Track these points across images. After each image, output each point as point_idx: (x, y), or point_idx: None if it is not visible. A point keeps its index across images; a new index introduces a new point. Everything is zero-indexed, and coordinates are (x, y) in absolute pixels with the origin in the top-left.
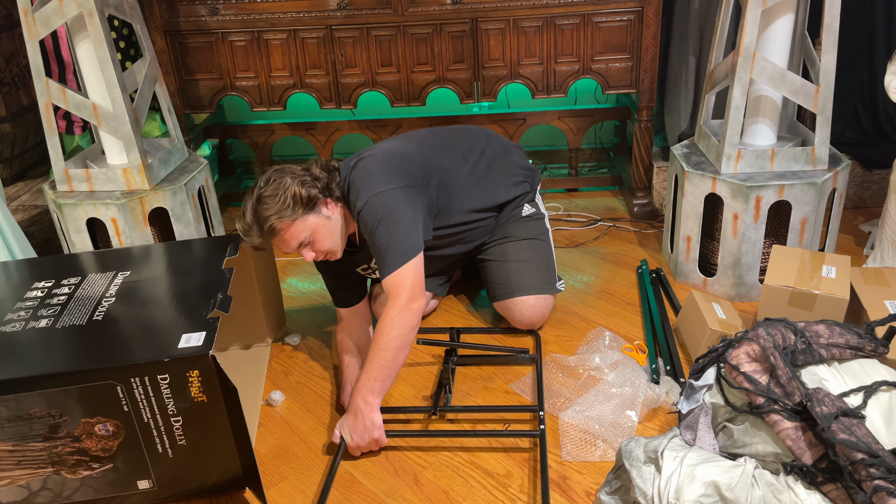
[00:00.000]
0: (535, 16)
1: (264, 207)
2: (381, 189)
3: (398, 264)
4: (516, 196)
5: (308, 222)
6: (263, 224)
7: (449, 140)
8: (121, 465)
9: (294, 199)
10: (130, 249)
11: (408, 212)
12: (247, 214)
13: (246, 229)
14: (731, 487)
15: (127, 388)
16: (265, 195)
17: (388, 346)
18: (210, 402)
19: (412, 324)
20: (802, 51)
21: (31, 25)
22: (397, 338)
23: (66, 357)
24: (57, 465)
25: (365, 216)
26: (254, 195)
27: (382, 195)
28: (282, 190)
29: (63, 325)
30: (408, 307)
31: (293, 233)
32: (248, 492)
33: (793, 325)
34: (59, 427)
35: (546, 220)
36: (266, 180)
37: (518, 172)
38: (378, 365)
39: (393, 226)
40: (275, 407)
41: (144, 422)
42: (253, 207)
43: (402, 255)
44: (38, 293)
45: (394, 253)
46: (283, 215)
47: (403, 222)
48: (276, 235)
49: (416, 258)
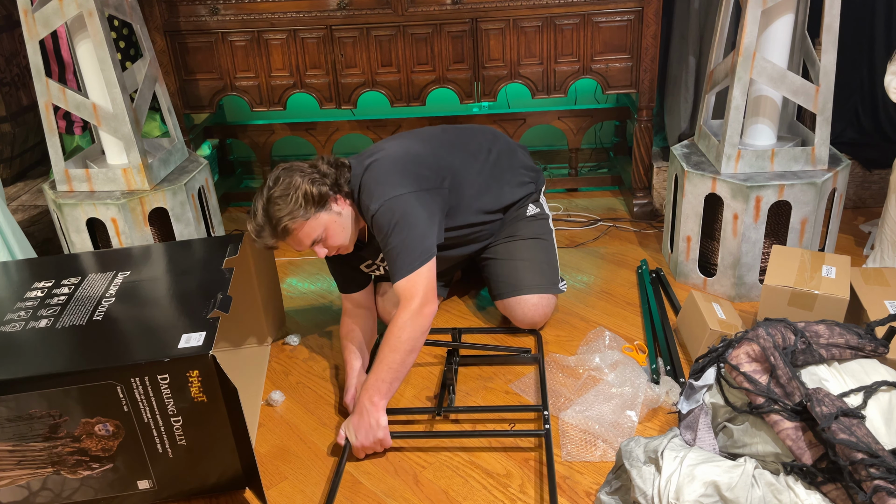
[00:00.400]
0: (535, 16)
1: (276, 208)
2: (395, 193)
3: (412, 269)
4: (522, 196)
5: (320, 220)
6: (277, 225)
7: (459, 139)
8: (121, 465)
9: (305, 198)
10: (131, 249)
11: (422, 216)
12: (258, 215)
13: (258, 230)
14: (730, 487)
15: (127, 388)
16: (276, 196)
17: (397, 349)
18: (210, 402)
19: (423, 328)
20: (802, 51)
21: (31, 25)
22: (408, 341)
23: (66, 357)
24: (57, 466)
25: (379, 220)
26: (264, 196)
27: (397, 199)
28: (292, 189)
29: (63, 325)
30: (420, 311)
31: (306, 231)
32: (247, 492)
33: (793, 325)
34: (59, 427)
35: (550, 221)
36: (275, 180)
37: (524, 173)
38: (387, 367)
39: (407, 230)
40: (275, 407)
41: (144, 422)
42: (264, 208)
43: (415, 260)
44: (38, 293)
45: (408, 257)
46: (295, 215)
47: (418, 227)
48: (290, 235)
49: (429, 263)
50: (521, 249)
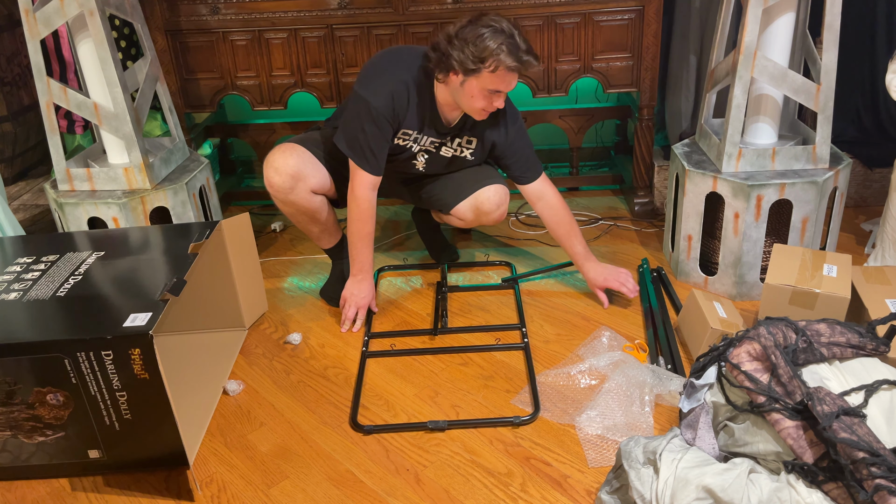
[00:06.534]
0: (535, 15)
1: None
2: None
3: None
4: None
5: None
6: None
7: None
8: (72, 433)
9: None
10: (115, 231)
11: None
12: (522, 43)
13: (528, 49)
14: (724, 489)
15: (73, 362)
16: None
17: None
18: (151, 378)
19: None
20: (803, 49)
21: (32, 25)
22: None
23: (22, 329)
24: (14, 430)
25: (518, 119)
26: (507, 28)
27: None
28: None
29: (29, 298)
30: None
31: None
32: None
33: (794, 323)
34: (15, 394)
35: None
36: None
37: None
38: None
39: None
40: (232, 396)
41: (92, 394)
42: (523, 37)
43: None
44: (17, 268)
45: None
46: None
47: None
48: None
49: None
50: (465, 169)
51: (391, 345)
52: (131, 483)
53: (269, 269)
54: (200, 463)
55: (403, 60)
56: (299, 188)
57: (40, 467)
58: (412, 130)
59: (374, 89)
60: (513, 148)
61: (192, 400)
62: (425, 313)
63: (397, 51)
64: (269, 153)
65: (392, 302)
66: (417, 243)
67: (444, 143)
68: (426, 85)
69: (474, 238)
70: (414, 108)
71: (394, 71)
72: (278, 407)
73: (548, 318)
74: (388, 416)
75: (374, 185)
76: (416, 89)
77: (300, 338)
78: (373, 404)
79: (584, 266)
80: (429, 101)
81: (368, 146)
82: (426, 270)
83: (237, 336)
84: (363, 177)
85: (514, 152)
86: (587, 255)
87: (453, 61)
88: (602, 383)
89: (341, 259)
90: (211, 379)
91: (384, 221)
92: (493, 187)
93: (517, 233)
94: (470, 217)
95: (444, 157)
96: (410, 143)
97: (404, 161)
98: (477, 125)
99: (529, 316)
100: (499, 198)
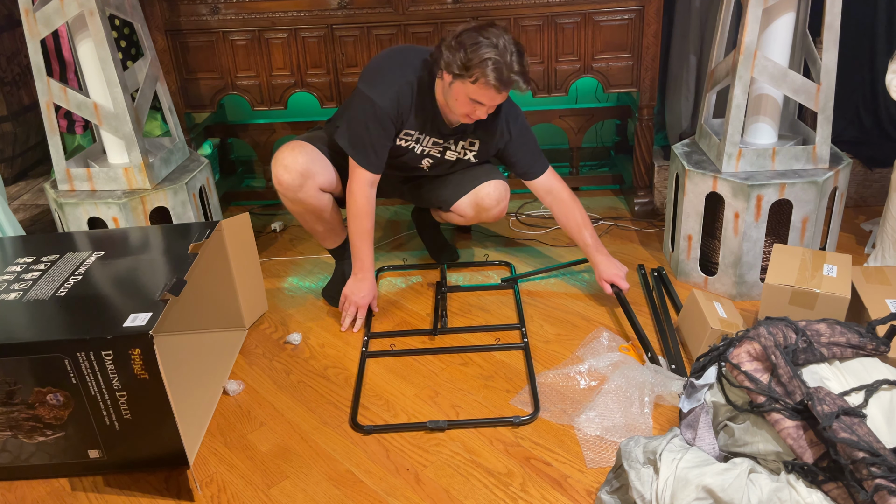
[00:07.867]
0: (535, 14)
1: (527, 62)
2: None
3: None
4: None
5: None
6: (528, 73)
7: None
8: (72, 433)
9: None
10: (116, 231)
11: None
12: (514, 64)
13: (522, 71)
14: (724, 489)
15: (73, 362)
16: (523, 51)
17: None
18: (151, 379)
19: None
20: (803, 49)
21: (32, 25)
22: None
23: (22, 329)
24: (14, 430)
25: (519, 116)
26: (512, 45)
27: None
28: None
29: (29, 298)
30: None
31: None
32: (191, 470)
33: (794, 323)
34: (15, 394)
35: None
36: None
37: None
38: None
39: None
40: (232, 396)
41: (92, 394)
42: (520, 55)
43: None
44: (17, 268)
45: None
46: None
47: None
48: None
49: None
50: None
51: (391, 345)
52: (131, 483)
53: (269, 269)
54: (200, 463)
55: (409, 61)
56: (308, 186)
57: (40, 467)
58: (414, 131)
59: (381, 89)
60: (516, 146)
61: (192, 400)
62: (425, 313)
63: (402, 50)
64: (278, 151)
65: (392, 302)
66: (417, 243)
67: (447, 147)
68: (429, 86)
69: (474, 238)
70: (417, 110)
71: (400, 72)
72: (278, 407)
73: (548, 318)
74: (388, 416)
75: (373, 183)
76: (419, 91)
77: (300, 338)
78: (373, 404)
79: (595, 258)
80: (431, 103)
81: (371, 145)
82: (426, 270)
83: (237, 336)
84: (363, 174)
85: (518, 150)
86: (598, 248)
87: (443, 61)
88: (602, 384)
89: (344, 259)
90: (211, 379)
91: (384, 221)
92: (493, 183)
93: (517, 233)
94: (470, 213)
95: (449, 160)
96: (412, 143)
97: (408, 161)
98: (479, 127)
99: (529, 316)
100: (499, 193)
